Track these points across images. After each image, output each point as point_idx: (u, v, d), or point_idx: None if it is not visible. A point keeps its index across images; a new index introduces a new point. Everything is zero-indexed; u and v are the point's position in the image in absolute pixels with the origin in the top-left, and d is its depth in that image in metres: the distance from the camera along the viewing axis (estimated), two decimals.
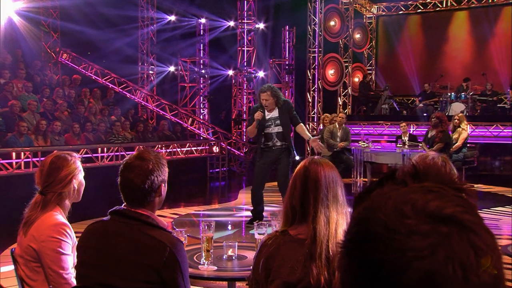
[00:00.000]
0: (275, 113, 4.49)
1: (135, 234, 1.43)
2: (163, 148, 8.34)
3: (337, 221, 1.37)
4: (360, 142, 7.58)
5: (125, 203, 1.51)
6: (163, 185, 1.52)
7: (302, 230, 1.38)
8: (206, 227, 2.07)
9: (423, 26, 12.08)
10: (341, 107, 11.82)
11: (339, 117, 7.42)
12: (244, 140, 11.18)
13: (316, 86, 11.40)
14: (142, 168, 1.48)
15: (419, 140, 7.17)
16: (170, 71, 12.23)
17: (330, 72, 11.58)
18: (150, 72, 11.61)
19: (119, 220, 1.47)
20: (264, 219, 4.92)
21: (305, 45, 11.32)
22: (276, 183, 4.54)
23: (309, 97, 11.41)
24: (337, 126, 7.42)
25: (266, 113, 4.57)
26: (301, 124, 4.49)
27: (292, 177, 1.43)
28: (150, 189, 1.48)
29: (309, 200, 1.37)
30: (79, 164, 1.83)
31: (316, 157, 1.47)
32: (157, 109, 10.66)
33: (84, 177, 1.85)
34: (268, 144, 4.51)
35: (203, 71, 11.38)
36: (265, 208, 4.82)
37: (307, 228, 1.36)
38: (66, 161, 1.79)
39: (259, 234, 2.04)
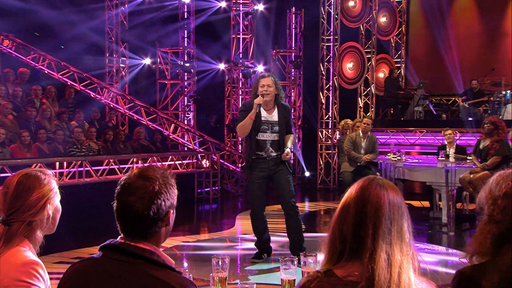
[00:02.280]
0: (274, 115, 4.61)
1: (137, 276, 1.42)
2: (140, 162, 8.26)
3: (401, 264, 1.32)
4: (389, 154, 7.58)
5: (122, 235, 1.49)
6: (172, 211, 1.52)
7: (353, 270, 1.34)
8: (219, 264, 2.01)
9: (473, 6, 12.11)
10: (362, 110, 11.80)
11: (364, 123, 7.40)
12: (240, 151, 11.19)
13: (331, 83, 11.40)
14: (146, 190, 1.48)
15: (468, 152, 7.12)
16: (146, 64, 12.24)
17: (349, 66, 11.58)
18: (121, 65, 11.57)
19: (115, 257, 1.46)
20: (275, 251, 4.93)
21: (316, 32, 11.36)
22: (275, 207, 4.53)
23: (322, 97, 11.40)
24: (361, 134, 7.41)
25: (263, 112, 4.63)
26: (292, 135, 4.73)
27: (343, 198, 1.42)
28: (156, 216, 1.48)
29: (367, 230, 1.34)
30: (54, 185, 1.77)
31: (378, 176, 1.45)
32: (130, 113, 10.60)
33: None
34: (261, 154, 4.60)
35: (187, 64, 11.34)
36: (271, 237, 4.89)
37: (361, 268, 1.33)
38: (39, 180, 1.73)
39: (287, 274, 1.99)
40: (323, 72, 11.39)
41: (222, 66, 12.73)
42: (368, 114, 11.33)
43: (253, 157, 4.59)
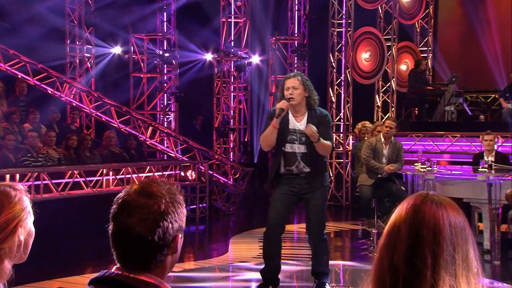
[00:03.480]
0: (303, 122, 4.75)
1: None
2: (111, 173, 8.24)
3: None
4: (416, 164, 7.59)
5: (118, 265, 1.52)
6: (180, 236, 1.55)
7: None
8: None
9: None
10: (380, 110, 11.79)
11: (387, 127, 7.41)
12: (232, 159, 11.21)
13: (342, 78, 11.42)
14: (149, 210, 1.49)
15: (511, 161, 7.16)
16: (116, 54, 12.19)
17: (364, 57, 11.59)
18: (86, 55, 11.49)
19: None
20: (282, 283, 5.05)
21: (325, 15, 11.36)
22: (296, 226, 4.72)
23: (331, 94, 11.41)
24: (382, 139, 7.41)
25: (291, 119, 4.78)
26: (330, 145, 4.86)
27: (391, 220, 1.43)
28: (161, 242, 1.50)
29: (425, 260, 1.33)
30: (27, 203, 1.71)
31: (431, 192, 1.44)
32: (98, 113, 10.53)
33: None
34: (291, 170, 4.78)
35: (168, 54, 11.28)
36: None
37: None
38: (8, 198, 1.66)
39: None
40: (333, 64, 11.39)
41: (209, 56, 12.73)
42: (388, 115, 11.27)
43: (281, 172, 4.77)
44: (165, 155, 10.58)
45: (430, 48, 12.78)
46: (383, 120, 8.48)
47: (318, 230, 4.76)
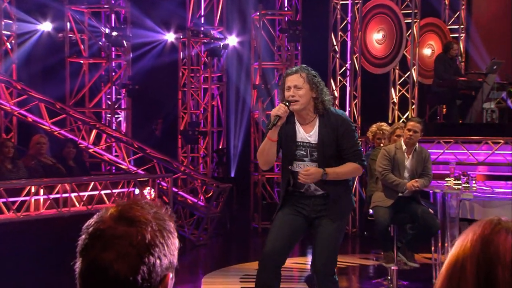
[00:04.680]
0: (313, 131, 4.82)
1: None
2: (41, 192, 8.14)
3: None
4: (448, 179, 7.63)
5: None
6: (171, 275, 1.57)
7: None
8: None
9: None
10: (397, 107, 11.83)
11: (410, 130, 7.35)
12: (204, 172, 11.23)
13: (348, 65, 11.45)
14: (131, 242, 1.52)
15: None
16: (46, 32, 12.06)
17: (377, 38, 11.64)
18: (5, 33, 11.32)
19: None
20: None
21: None
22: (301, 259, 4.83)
23: (334, 87, 11.46)
24: (404, 147, 7.43)
25: (298, 129, 4.83)
26: (358, 165, 4.92)
27: (451, 256, 1.48)
28: (146, 284, 1.52)
29: None
30: None
31: (504, 218, 1.48)
32: (22, 111, 10.38)
33: None
34: (299, 190, 4.92)
35: (115, 33, 11.19)
36: None
37: None
38: None
39: None
40: (335, 47, 11.40)
41: (172, 36, 12.72)
42: (408, 115, 11.30)
43: (290, 188, 4.88)
44: (114, 167, 10.53)
45: (462, 27, 12.85)
46: (403, 122, 8.48)
47: (327, 269, 4.79)
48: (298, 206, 4.86)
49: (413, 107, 11.56)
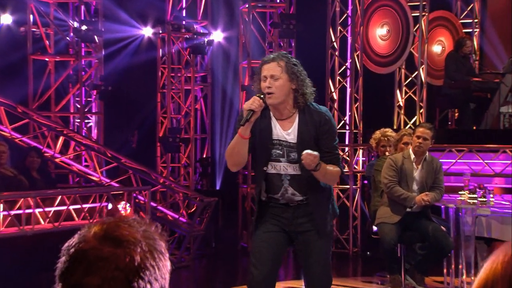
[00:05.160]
0: (292, 128, 4.80)
1: None
2: (0, 207, 8.09)
3: None
4: (462, 192, 7.66)
5: None
6: None
7: None
8: None
9: None
10: (403, 111, 11.85)
11: (419, 137, 7.40)
12: (186, 184, 11.19)
13: (348, 64, 11.48)
14: (118, 264, 1.53)
15: None
16: (6, 25, 12.02)
17: (380, 33, 11.66)
18: None
19: None
20: None
21: None
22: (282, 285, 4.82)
23: (332, 89, 11.46)
24: (412, 156, 7.46)
25: (274, 125, 4.80)
26: (338, 168, 4.88)
27: (479, 279, 1.53)
28: None
29: None
30: None
31: None
32: None
33: None
34: (275, 197, 4.87)
35: (85, 27, 11.15)
36: None
37: None
38: None
39: None
40: (334, 44, 11.40)
41: (150, 31, 12.66)
42: (416, 120, 11.29)
43: (262, 198, 4.85)
44: (84, 179, 10.49)
45: (477, 21, 12.84)
46: (410, 128, 8.45)
47: (322, 279, 4.83)
48: (276, 219, 4.83)
49: (421, 111, 11.54)
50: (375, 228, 7.74)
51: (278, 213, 4.83)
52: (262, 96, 4.56)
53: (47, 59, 11.43)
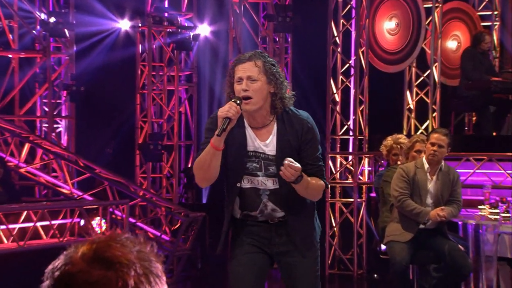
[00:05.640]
0: (270, 138, 4.79)
1: None
2: None
3: None
4: (482, 207, 7.70)
5: None
6: None
7: None
8: None
9: None
10: (413, 115, 11.83)
11: (434, 144, 7.40)
12: (169, 197, 11.16)
13: (352, 61, 11.52)
14: None
15: None
16: None
17: (388, 27, 11.69)
18: None
19: None
20: None
21: None
22: None
23: (334, 90, 11.49)
24: (426, 165, 7.47)
25: (249, 134, 4.77)
26: (322, 181, 4.87)
27: None
28: None
29: None
30: None
31: None
32: None
33: None
34: (252, 215, 4.85)
35: (53, 19, 11.16)
36: None
37: None
38: None
39: None
40: (336, 39, 11.44)
41: (127, 24, 12.64)
42: (428, 124, 11.29)
43: (238, 217, 4.82)
44: (53, 192, 10.51)
45: (496, 13, 12.81)
46: (422, 133, 8.40)
47: None
48: (256, 240, 4.81)
49: (434, 115, 11.53)
50: (383, 247, 7.72)
51: (256, 232, 4.81)
52: (238, 101, 4.51)
53: (10, 56, 11.45)
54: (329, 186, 5.14)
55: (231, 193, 4.77)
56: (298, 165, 4.46)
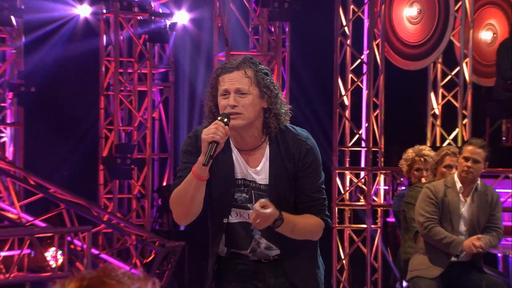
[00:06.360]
0: (262, 164, 4.77)
1: None
2: None
3: None
4: None
5: None
6: None
7: None
8: None
9: None
10: (439, 122, 11.95)
11: (468, 159, 7.38)
12: (140, 223, 11.17)
13: (365, 57, 11.60)
14: None
15: None
16: None
17: (408, 14, 11.75)
18: None
19: None
20: None
21: None
22: None
23: (342, 91, 11.55)
24: (458, 185, 7.45)
25: (236, 158, 4.73)
26: (321, 221, 4.82)
27: None
28: None
29: None
30: None
31: None
32: None
33: None
34: (243, 253, 4.87)
35: None
36: None
37: None
38: None
39: None
40: (345, 29, 11.49)
41: (88, 10, 12.68)
42: (457, 135, 11.28)
43: (223, 255, 4.79)
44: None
45: None
46: (450, 144, 8.36)
47: None
48: (247, 283, 4.77)
49: (464, 122, 11.62)
50: (405, 284, 7.76)
51: (247, 274, 4.78)
52: (226, 119, 4.40)
53: None
54: (331, 224, 5.00)
55: (216, 230, 4.72)
56: (268, 210, 4.40)
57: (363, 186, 11.21)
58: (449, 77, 11.85)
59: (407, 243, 7.78)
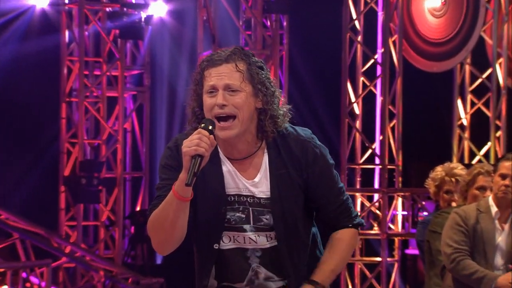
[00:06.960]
0: (260, 174, 4.67)
1: None
2: None
3: None
4: None
5: None
6: None
7: None
8: None
9: None
10: (467, 133, 11.94)
11: (503, 177, 7.35)
12: (108, 254, 11.25)
13: (379, 56, 11.70)
14: None
15: None
16: None
17: (431, 6, 11.81)
18: None
19: None
20: None
21: None
22: None
23: (351, 95, 11.60)
24: (492, 208, 7.43)
25: (228, 169, 4.63)
26: (353, 230, 4.79)
27: None
28: None
29: None
30: None
31: None
32: None
33: None
34: (234, 287, 4.78)
35: None
36: None
37: None
38: None
39: None
40: (355, 23, 11.56)
41: (45, 1, 12.72)
42: (490, 149, 11.22)
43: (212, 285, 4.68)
44: None
45: None
46: (477, 161, 8.30)
47: None
48: None
49: (498, 135, 11.58)
50: None
51: None
52: (211, 127, 4.25)
53: None
54: (364, 223, 4.84)
55: (204, 260, 4.58)
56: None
57: (377, 211, 11.22)
58: (479, 80, 11.88)
59: (433, 280, 7.81)
